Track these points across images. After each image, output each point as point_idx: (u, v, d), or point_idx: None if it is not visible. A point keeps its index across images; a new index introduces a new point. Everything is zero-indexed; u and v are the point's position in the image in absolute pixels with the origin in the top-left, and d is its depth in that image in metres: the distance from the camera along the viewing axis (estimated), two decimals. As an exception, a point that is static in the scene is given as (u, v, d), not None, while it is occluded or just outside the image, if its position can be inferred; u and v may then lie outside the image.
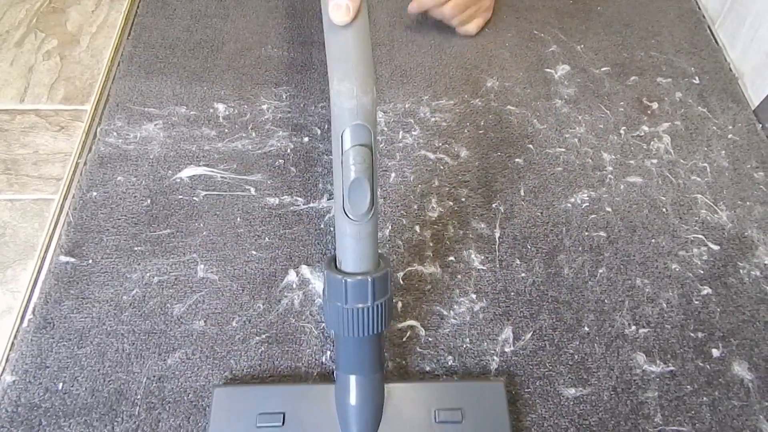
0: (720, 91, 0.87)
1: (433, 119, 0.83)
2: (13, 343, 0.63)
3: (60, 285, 0.66)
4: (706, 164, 0.78)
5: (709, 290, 0.67)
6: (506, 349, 0.63)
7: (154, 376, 0.61)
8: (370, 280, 0.47)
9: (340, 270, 0.49)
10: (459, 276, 0.68)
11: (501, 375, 0.61)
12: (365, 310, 0.48)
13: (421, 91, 0.86)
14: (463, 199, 0.74)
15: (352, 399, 0.53)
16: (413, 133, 0.81)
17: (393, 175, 0.77)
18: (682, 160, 0.79)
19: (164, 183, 0.75)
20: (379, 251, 0.51)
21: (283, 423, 0.54)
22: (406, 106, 0.84)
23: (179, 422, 0.58)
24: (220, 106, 0.83)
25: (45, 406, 0.58)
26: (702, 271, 0.68)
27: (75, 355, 0.62)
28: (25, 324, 0.64)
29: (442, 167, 0.77)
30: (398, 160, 0.78)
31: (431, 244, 0.70)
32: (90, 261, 0.68)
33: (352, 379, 0.53)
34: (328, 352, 0.62)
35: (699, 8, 0.99)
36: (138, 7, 0.96)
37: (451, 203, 0.74)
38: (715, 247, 0.70)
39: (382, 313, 0.49)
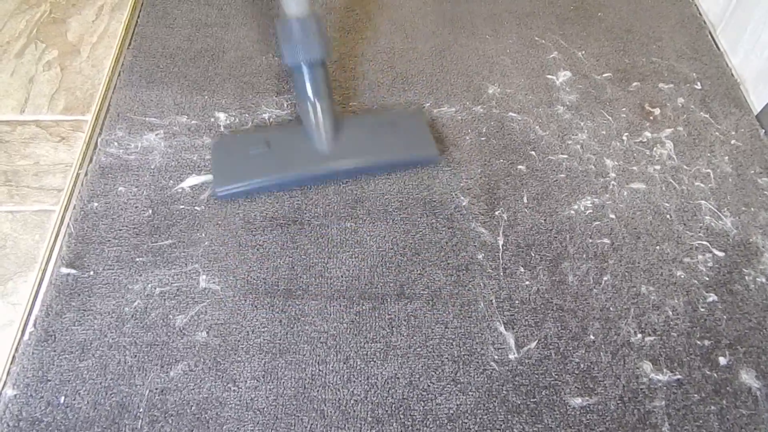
0: (722, 97, 0.86)
1: (434, 126, 0.82)
2: (14, 356, 0.62)
3: (61, 297, 0.66)
4: (709, 170, 0.78)
5: (715, 297, 0.66)
6: (511, 357, 0.62)
7: (156, 389, 0.60)
8: (312, 17, 0.71)
9: (286, 14, 0.71)
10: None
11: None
12: (305, 31, 0.71)
13: (423, 98, 0.86)
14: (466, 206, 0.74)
15: (313, 118, 0.75)
16: (415, 140, 0.81)
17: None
18: (685, 166, 0.78)
19: (166, 193, 0.75)
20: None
21: (269, 147, 0.75)
22: (408, 113, 0.84)
23: (182, 436, 0.57)
24: (221, 115, 0.83)
25: (47, 420, 0.58)
26: (707, 278, 0.68)
27: (77, 368, 0.61)
28: (26, 337, 0.64)
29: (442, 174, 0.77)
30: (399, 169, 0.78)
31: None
32: (91, 272, 0.68)
33: (312, 104, 0.74)
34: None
35: (700, 14, 0.99)
36: (138, 16, 0.96)
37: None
38: (720, 254, 0.70)
39: (317, 39, 0.71)
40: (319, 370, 0.62)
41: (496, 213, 0.74)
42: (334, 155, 0.75)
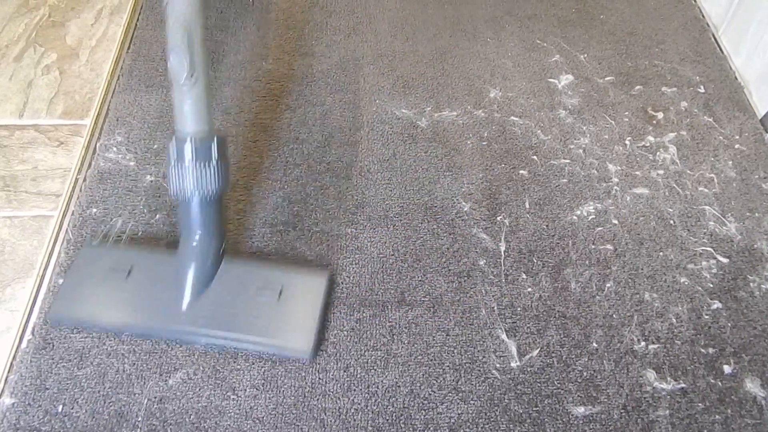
0: (726, 100, 0.86)
1: (435, 130, 0.82)
2: (11, 364, 0.62)
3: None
4: (713, 175, 0.77)
5: (719, 304, 0.66)
6: (513, 365, 0.62)
7: (155, 397, 0.60)
8: (210, 143, 0.57)
9: (179, 135, 0.58)
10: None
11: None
12: (189, 168, 0.57)
13: (424, 102, 0.85)
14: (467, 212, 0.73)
15: (188, 258, 0.62)
16: (416, 144, 0.80)
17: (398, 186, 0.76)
18: (688, 171, 0.78)
19: (163, 199, 0.74)
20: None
21: (128, 275, 0.63)
22: (409, 116, 0.83)
23: (181, 445, 0.57)
24: (221, 118, 0.82)
25: (45, 429, 0.57)
26: (711, 285, 0.67)
27: (75, 376, 0.61)
28: (24, 344, 0.63)
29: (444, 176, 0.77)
30: (401, 175, 0.78)
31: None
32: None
33: (191, 242, 0.61)
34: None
35: (703, 16, 0.98)
36: (138, 20, 0.95)
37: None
38: (725, 260, 0.69)
39: (208, 173, 0.57)
40: (319, 378, 0.61)
41: (498, 218, 0.73)
42: (189, 317, 0.61)
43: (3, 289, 0.67)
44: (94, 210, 0.73)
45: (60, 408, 0.59)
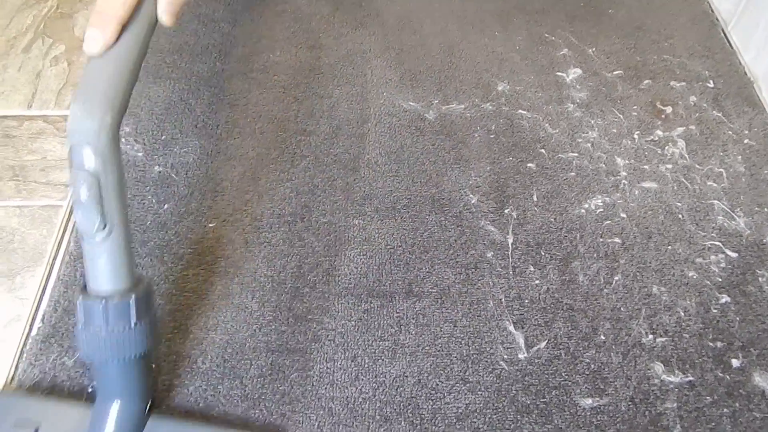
0: (735, 95, 0.85)
1: (442, 123, 0.82)
2: (22, 350, 0.62)
3: (69, 293, 0.66)
4: (722, 169, 0.77)
5: (728, 298, 0.66)
6: (520, 356, 0.62)
7: (163, 386, 0.60)
8: (130, 300, 0.48)
9: (92, 292, 0.48)
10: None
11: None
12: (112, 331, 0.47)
13: (431, 95, 0.85)
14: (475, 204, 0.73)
15: (104, 425, 0.50)
16: (424, 137, 0.80)
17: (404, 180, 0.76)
18: (697, 165, 0.78)
19: (172, 189, 0.75)
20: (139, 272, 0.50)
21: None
22: (417, 109, 0.83)
23: (189, 433, 0.57)
24: (228, 111, 0.83)
25: (54, 416, 0.58)
26: (720, 279, 0.67)
27: (85, 364, 0.61)
28: (34, 332, 0.63)
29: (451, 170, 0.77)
30: (408, 167, 0.78)
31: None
32: (99, 268, 0.68)
33: (107, 407, 0.51)
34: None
35: (712, 11, 0.98)
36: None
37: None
38: (733, 255, 0.69)
39: (126, 337, 0.48)
40: (327, 367, 0.62)
41: (506, 211, 0.73)
42: None
43: (13, 277, 0.67)
44: (103, 200, 0.73)
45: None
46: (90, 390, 0.58)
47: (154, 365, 0.57)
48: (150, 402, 0.54)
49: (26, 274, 0.67)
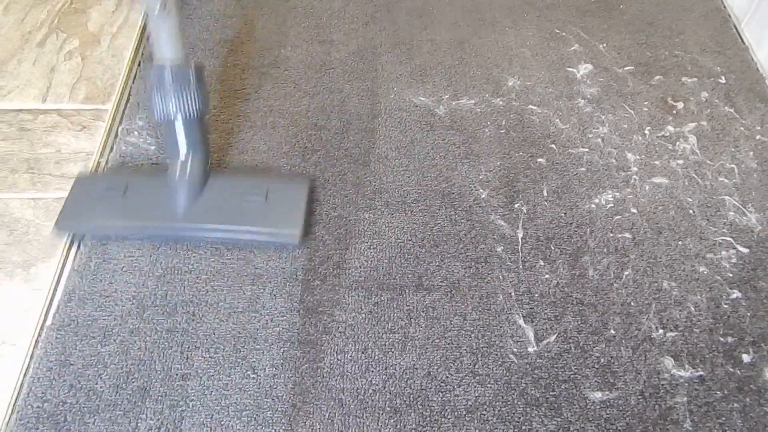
0: (747, 91, 0.85)
1: (453, 118, 0.82)
2: (37, 340, 0.63)
3: (84, 283, 0.67)
4: (733, 165, 0.77)
5: (739, 294, 0.66)
6: (530, 350, 0.62)
7: (177, 374, 0.61)
8: (188, 68, 0.65)
9: (158, 61, 0.64)
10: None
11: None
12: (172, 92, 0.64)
13: (442, 90, 0.86)
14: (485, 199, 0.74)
15: (177, 175, 0.68)
16: (434, 132, 0.81)
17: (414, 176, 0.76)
18: (708, 161, 0.77)
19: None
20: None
21: (124, 193, 0.70)
22: (427, 104, 0.84)
23: (203, 420, 0.58)
24: (241, 105, 0.83)
25: (70, 402, 0.59)
26: (731, 275, 0.67)
27: (98, 353, 0.62)
28: (49, 321, 0.64)
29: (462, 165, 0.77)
30: (418, 162, 0.78)
31: (453, 245, 0.70)
32: (113, 260, 0.69)
33: (179, 161, 0.68)
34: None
35: (724, 7, 0.97)
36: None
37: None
38: (744, 250, 0.69)
39: (188, 96, 0.64)
40: (338, 359, 0.62)
41: (516, 206, 0.73)
42: (186, 217, 0.68)
43: (28, 268, 0.68)
44: (117, 192, 0.74)
45: (84, 383, 0.60)
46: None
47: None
48: (209, 163, 0.70)
49: (41, 265, 0.68)
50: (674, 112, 0.83)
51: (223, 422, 0.58)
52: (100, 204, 0.69)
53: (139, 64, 0.88)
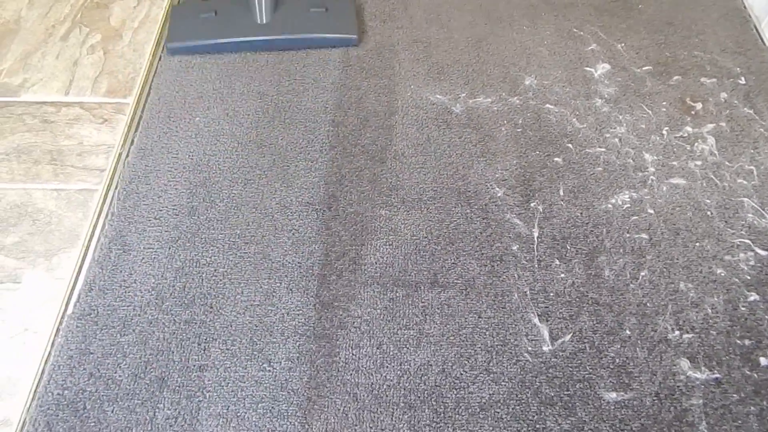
0: (767, 92, 0.84)
1: (469, 116, 0.82)
2: (58, 328, 0.64)
3: (104, 273, 0.68)
4: (752, 167, 0.76)
5: (757, 296, 0.65)
6: (544, 349, 0.62)
7: (194, 365, 0.61)
8: None
9: None
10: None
11: None
12: None
13: (458, 89, 0.86)
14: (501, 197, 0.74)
15: None
16: (450, 130, 0.81)
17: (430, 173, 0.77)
18: (727, 162, 0.77)
19: (203, 175, 0.76)
20: None
21: (216, 15, 0.91)
22: (444, 102, 0.84)
23: (219, 411, 0.59)
24: (257, 102, 0.84)
25: (90, 390, 0.60)
26: (749, 277, 0.67)
27: (118, 342, 0.63)
28: (70, 310, 0.66)
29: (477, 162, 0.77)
30: (435, 159, 0.78)
31: (469, 243, 0.70)
32: (133, 251, 0.70)
33: None
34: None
35: (744, 7, 0.96)
36: (178, 2, 0.97)
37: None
38: (763, 253, 0.68)
39: None
40: (353, 354, 0.63)
41: (532, 205, 0.73)
42: (268, 28, 0.89)
43: (50, 258, 0.69)
44: (137, 185, 0.75)
45: (104, 372, 0.61)
46: None
47: None
48: None
49: (62, 254, 0.70)
50: (693, 112, 0.82)
51: (239, 413, 0.59)
52: (199, 25, 0.89)
53: (159, 59, 0.89)
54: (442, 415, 0.59)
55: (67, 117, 0.82)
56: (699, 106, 0.83)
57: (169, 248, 0.70)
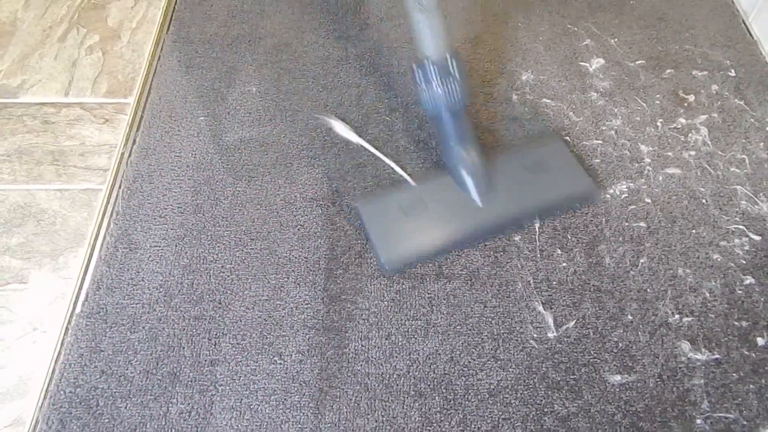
0: (756, 84, 0.87)
1: (468, 111, 0.83)
2: (67, 327, 0.65)
3: (111, 272, 0.68)
4: (744, 156, 0.78)
5: (752, 280, 0.67)
6: (549, 335, 0.64)
7: (205, 360, 0.62)
8: (453, 61, 0.66)
9: (424, 58, 0.66)
10: (501, 265, 0.68)
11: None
12: (452, 81, 0.66)
13: (457, 85, 0.87)
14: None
15: (463, 163, 0.69)
16: (450, 125, 0.82)
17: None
18: (720, 152, 0.79)
19: (207, 173, 0.77)
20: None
21: (426, 206, 0.70)
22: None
23: (232, 404, 0.59)
24: (259, 102, 0.85)
25: (102, 387, 0.60)
26: (744, 261, 0.69)
27: (128, 339, 0.63)
28: (78, 309, 0.66)
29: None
30: (436, 155, 0.79)
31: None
32: (139, 249, 0.70)
33: (460, 152, 0.69)
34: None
35: (732, 2, 0.99)
36: (176, 3, 0.97)
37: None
38: (757, 238, 0.71)
39: (458, 84, 0.66)
40: (362, 345, 0.64)
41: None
42: (491, 208, 0.69)
43: (56, 258, 0.69)
44: (141, 184, 0.76)
45: (115, 368, 0.61)
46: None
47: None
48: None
49: (69, 254, 0.70)
50: (686, 104, 0.84)
51: (252, 406, 0.59)
52: (411, 226, 0.68)
53: (159, 59, 0.89)
54: (452, 401, 0.60)
55: (67, 117, 0.82)
56: (691, 98, 0.85)
57: (176, 246, 0.70)
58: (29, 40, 0.90)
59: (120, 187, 0.76)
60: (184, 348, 0.63)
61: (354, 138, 0.73)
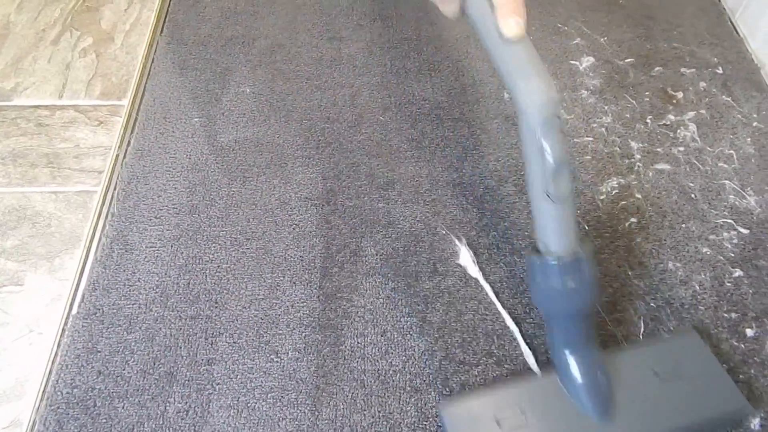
0: (743, 81, 0.88)
1: (461, 111, 0.84)
2: (63, 329, 0.65)
3: (107, 273, 0.68)
4: (732, 151, 0.80)
5: (741, 272, 0.68)
6: (544, 330, 0.64)
7: (202, 360, 0.62)
8: (580, 258, 0.52)
9: (546, 252, 0.52)
10: (494, 261, 0.69)
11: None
12: (580, 285, 0.52)
13: (450, 84, 0.88)
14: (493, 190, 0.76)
15: (581, 376, 0.54)
16: (443, 125, 0.83)
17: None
18: (708, 148, 0.80)
19: (202, 174, 0.77)
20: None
21: (525, 416, 0.54)
22: (435, 98, 0.86)
23: (230, 402, 0.60)
24: (253, 103, 0.85)
25: (99, 387, 0.60)
26: (733, 255, 0.70)
27: (125, 340, 0.64)
28: (74, 310, 0.66)
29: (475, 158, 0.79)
30: (429, 154, 0.80)
31: (466, 231, 0.72)
32: (135, 250, 0.70)
33: (575, 358, 0.55)
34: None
35: (719, 0, 1.00)
36: (169, 5, 0.98)
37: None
38: (745, 231, 0.72)
39: (585, 285, 0.52)
40: (358, 342, 0.64)
41: (525, 195, 0.76)
42: (611, 427, 0.53)
43: (52, 259, 0.70)
44: (136, 185, 0.76)
45: (112, 369, 0.62)
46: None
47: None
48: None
49: (65, 256, 0.70)
50: (674, 101, 0.86)
51: (249, 404, 0.60)
52: None
53: (152, 61, 0.90)
54: (448, 397, 0.61)
55: (61, 120, 0.82)
56: (680, 95, 0.86)
57: (172, 246, 0.71)
58: (22, 42, 0.90)
59: (115, 189, 0.76)
60: (180, 347, 0.63)
61: (477, 275, 0.63)
